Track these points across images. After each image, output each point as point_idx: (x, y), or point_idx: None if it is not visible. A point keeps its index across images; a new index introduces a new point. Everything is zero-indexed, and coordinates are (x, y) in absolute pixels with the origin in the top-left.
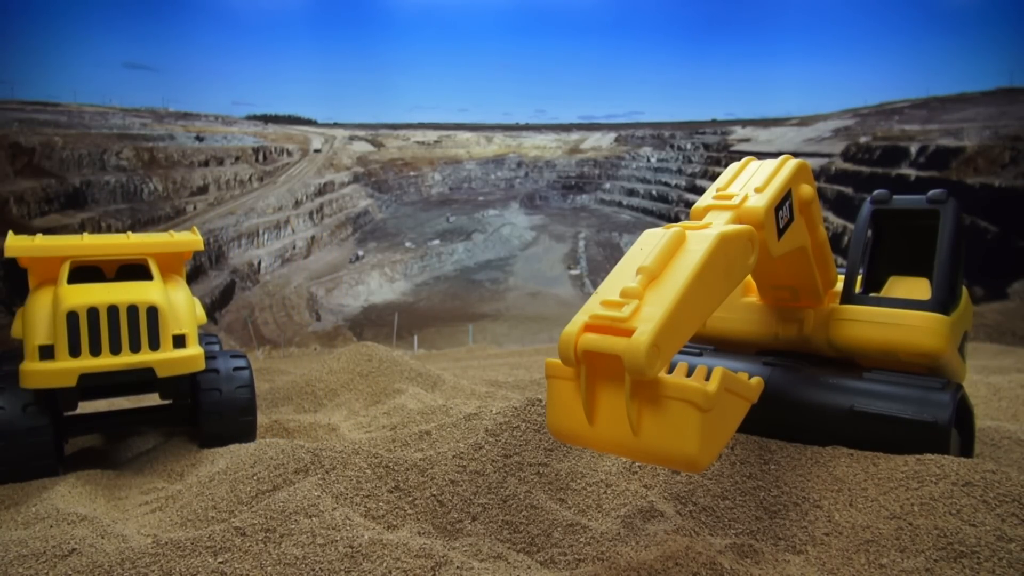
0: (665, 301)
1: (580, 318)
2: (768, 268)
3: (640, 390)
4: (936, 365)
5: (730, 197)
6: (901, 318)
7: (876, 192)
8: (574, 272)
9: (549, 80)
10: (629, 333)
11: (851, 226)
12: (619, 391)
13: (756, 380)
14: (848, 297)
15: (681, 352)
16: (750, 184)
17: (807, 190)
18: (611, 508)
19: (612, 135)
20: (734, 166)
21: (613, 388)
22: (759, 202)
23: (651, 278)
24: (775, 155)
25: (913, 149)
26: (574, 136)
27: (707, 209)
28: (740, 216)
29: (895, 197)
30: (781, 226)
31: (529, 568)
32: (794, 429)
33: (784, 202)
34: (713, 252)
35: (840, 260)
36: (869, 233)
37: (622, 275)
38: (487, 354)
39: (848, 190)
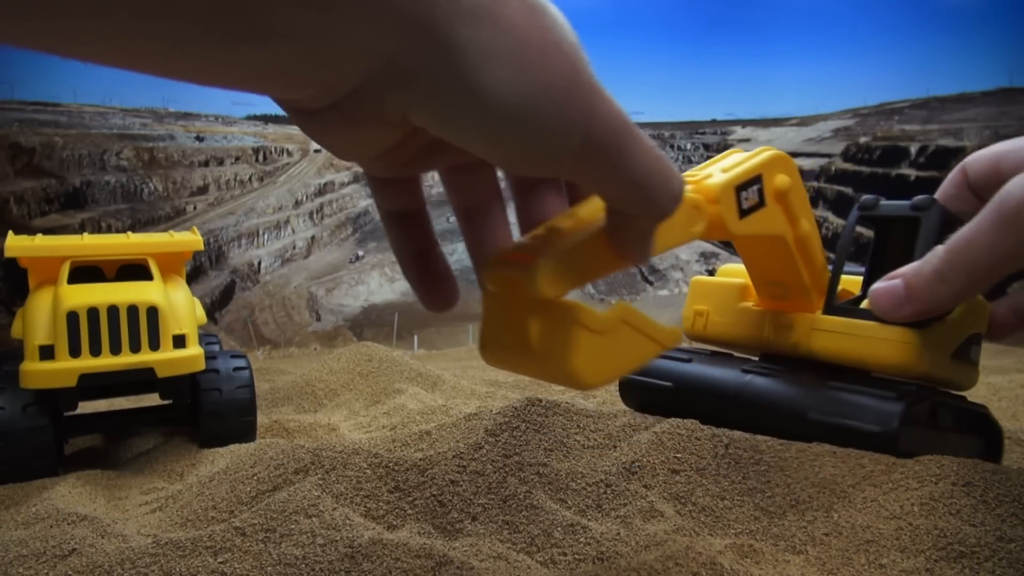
0: (580, 237)
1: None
2: (753, 256)
3: (538, 309)
4: (918, 378)
5: (695, 175)
6: (869, 330)
7: (864, 198)
8: None
9: None
10: (535, 259)
11: None
12: (527, 313)
13: (672, 328)
14: (828, 306)
15: (669, 358)
16: (720, 167)
17: (783, 179)
18: (611, 508)
19: None
20: (718, 155)
21: (523, 310)
22: (717, 179)
23: (579, 222)
24: None
25: (913, 149)
26: None
27: None
28: (697, 189)
29: (882, 203)
30: (745, 207)
31: (529, 568)
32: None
33: (751, 185)
34: None
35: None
36: (872, 239)
37: (560, 218)
38: None
39: (848, 190)
